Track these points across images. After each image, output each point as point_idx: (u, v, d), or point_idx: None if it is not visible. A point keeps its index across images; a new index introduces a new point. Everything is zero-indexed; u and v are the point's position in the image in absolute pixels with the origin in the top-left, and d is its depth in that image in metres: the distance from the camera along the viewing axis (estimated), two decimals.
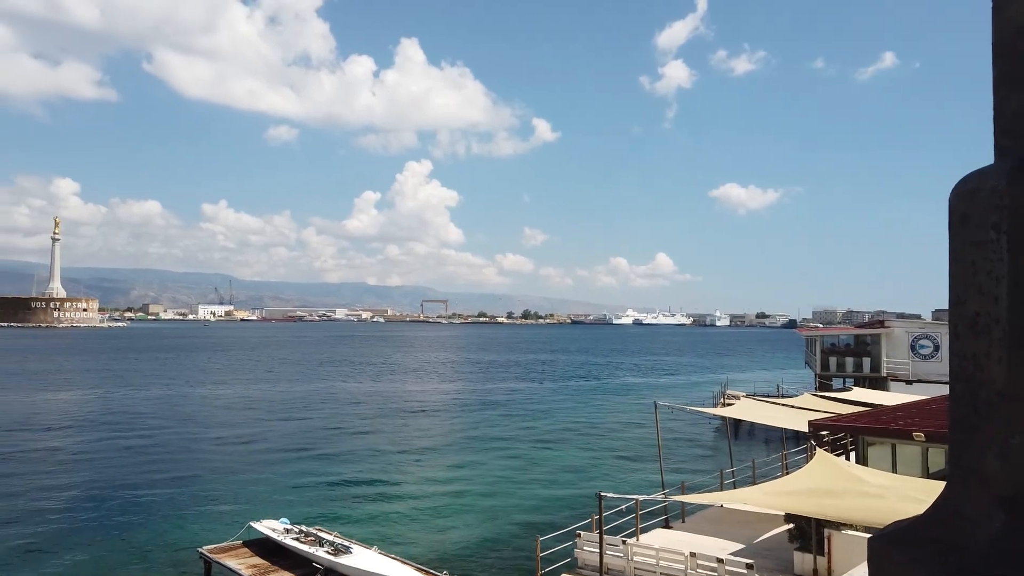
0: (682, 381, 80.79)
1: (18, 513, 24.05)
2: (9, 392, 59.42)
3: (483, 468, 32.58)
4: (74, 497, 26.45)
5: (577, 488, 28.89)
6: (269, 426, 43.91)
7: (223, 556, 17.61)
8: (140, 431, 41.21)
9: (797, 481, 14.62)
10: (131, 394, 59.43)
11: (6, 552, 20.25)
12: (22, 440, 37.82)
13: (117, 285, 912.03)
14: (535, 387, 71.01)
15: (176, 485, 28.44)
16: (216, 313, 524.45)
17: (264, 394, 60.81)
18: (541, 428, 44.45)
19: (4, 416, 45.77)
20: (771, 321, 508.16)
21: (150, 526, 22.95)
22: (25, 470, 30.69)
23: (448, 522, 24.04)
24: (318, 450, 36.20)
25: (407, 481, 30.01)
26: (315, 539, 17.84)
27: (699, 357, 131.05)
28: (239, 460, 33.62)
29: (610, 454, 36.69)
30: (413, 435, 41.49)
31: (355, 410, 51.49)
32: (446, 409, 53.45)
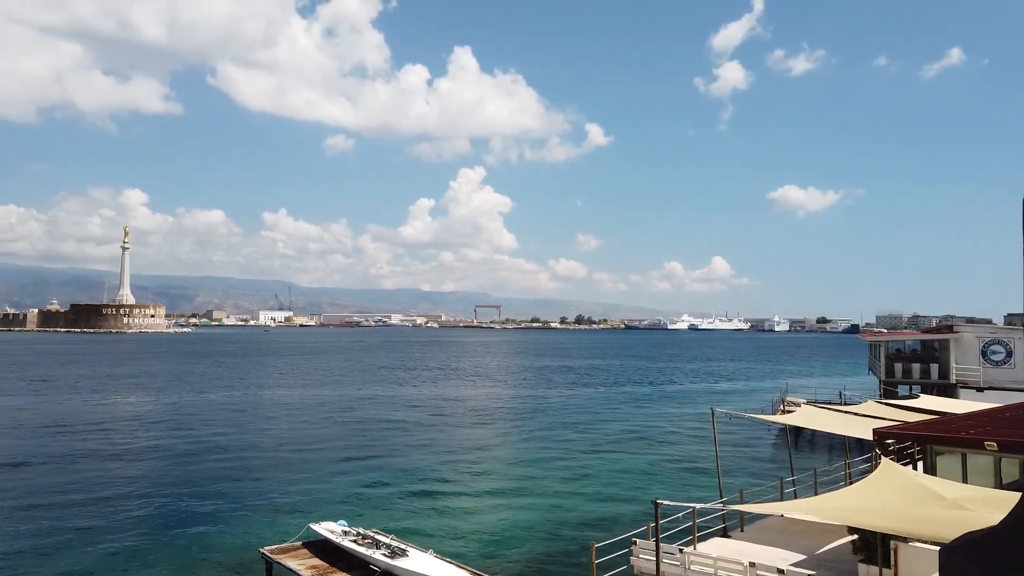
0: (739, 387, 79.25)
1: (86, 514, 25.02)
2: (82, 395, 62.00)
3: (538, 473, 32.54)
4: (141, 497, 27.40)
5: (632, 495, 28.61)
6: (327, 429, 44.73)
7: (284, 556, 18.00)
8: (205, 433, 42.47)
9: (862, 491, 14.17)
10: (196, 397, 61.33)
11: (75, 551, 21.05)
12: (93, 442, 39.40)
13: (183, 292, 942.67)
14: (589, 392, 70.63)
15: (238, 486, 29.21)
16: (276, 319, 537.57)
17: (322, 398, 61.99)
18: (595, 434, 44.18)
19: (77, 419, 47.77)
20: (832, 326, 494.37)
21: (214, 525, 23.62)
22: (95, 472, 31.92)
23: (503, 526, 24.09)
24: (374, 453, 36.70)
25: (462, 485, 30.17)
26: (372, 541, 18.08)
27: (757, 363, 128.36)
28: (298, 462, 34.34)
29: (666, 461, 36.22)
30: (468, 440, 41.72)
31: (411, 414, 52.07)
32: (500, 414, 53.58)
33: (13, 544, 21.50)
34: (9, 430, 42.75)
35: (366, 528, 19.53)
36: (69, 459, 34.18)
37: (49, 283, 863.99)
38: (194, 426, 45.30)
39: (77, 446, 37.68)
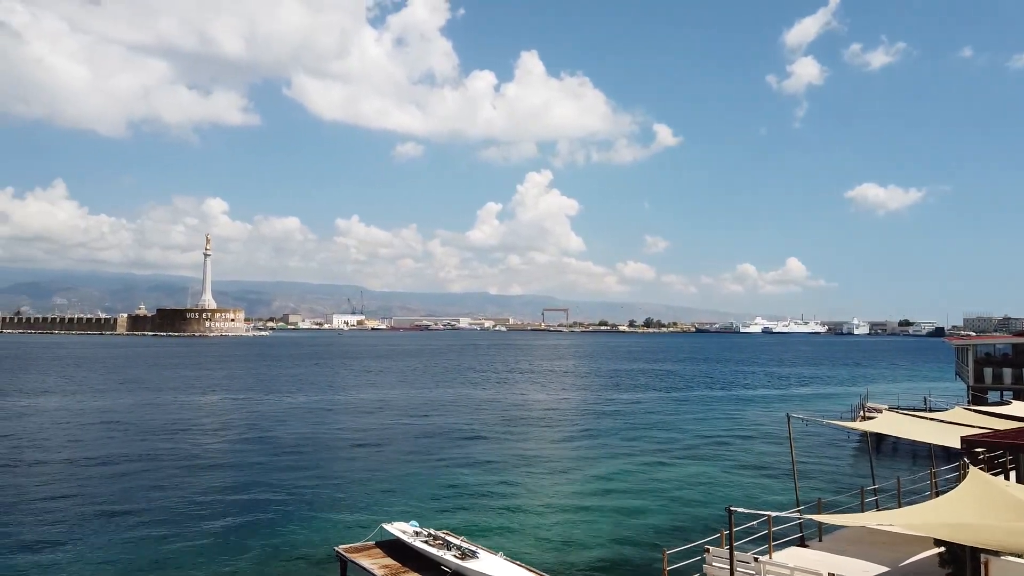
0: (817, 392, 76.76)
1: (168, 510, 26.10)
2: (168, 396, 64.85)
3: (607, 477, 32.29)
4: (221, 494, 28.46)
5: (704, 501, 28.08)
6: (399, 431, 45.50)
7: (357, 555, 18.38)
8: (282, 433, 43.82)
9: (950, 502, 13.51)
10: (275, 399, 63.34)
11: (157, 546, 21.99)
12: (177, 441, 41.16)
13: (260, 297, 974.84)
14: (659, 396, 69.67)
15: (314, 485, 30.00)
16: (349, 322, 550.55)
17: (395, 400, 63.10)
18: (666, 438, 43.54)
19: (163, 419, 50.01)
20: (915, 329, 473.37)
21: (290, 524, 24.32)
22: (178, 470, 33.32)
23: (573, 530, 24.00)
24: (444, 455, 37.13)
25: (531, 488, 30.20)
26: (443, 543, 18.27)
27: (835, 367, 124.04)
28: (371, 463, 35.04)
29: (739, 467, 35.38)
30: (537, 443, 41.74)
31: (480, 417, 52.45)
32: (569, 417, 53.41)
33: (101, 537, 22.64)
34: (102, 429, 45.10)
35: (437, 529, 19.76)
36: (155, 457, 35.80)
37: (137, 289, 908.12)
38: (272, 426, 46.79)
39: (163, 445, 39.45)
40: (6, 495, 27.75)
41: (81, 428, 45.42)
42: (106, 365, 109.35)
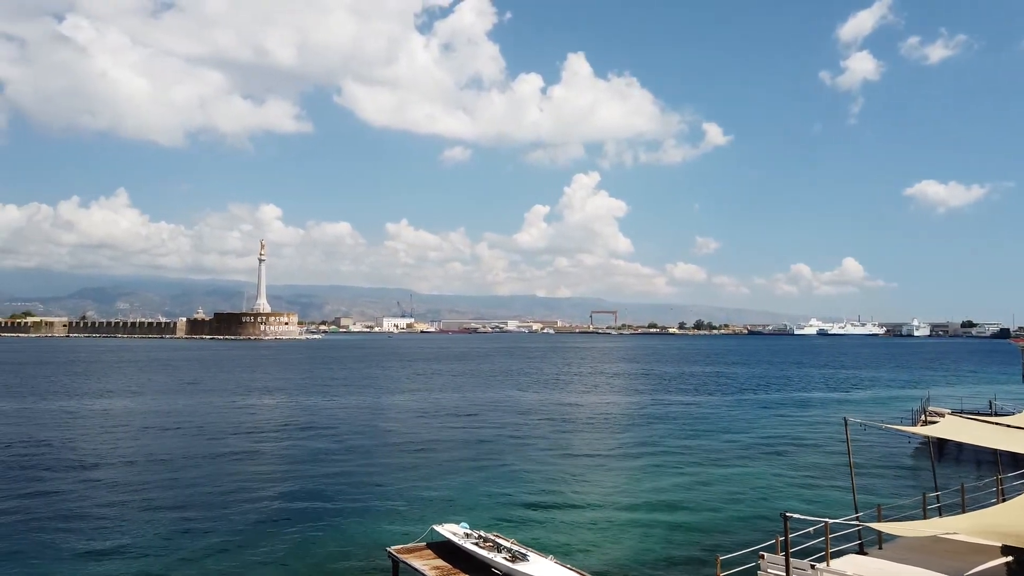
0: (875, 396, 74.62)
1: (222, 509, 26.74)
2: (226, 398, 66.59)
3: (658, 481, 31.96)
4: (275, 494, 29.08)
5: (758, 507, 27.56)
6: (449, 432, 45.84)
7: (409, 556, 18.58)
8: (335, 434, 44.57)
9: (1017, 508, 13.01)
10: (328, 400, 64.49)
11: (210, 545, 22.51)
12: (233, 441, 42.23)
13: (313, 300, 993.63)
14: (712, 400, 68.66)
15: (365, 486, 30.43)
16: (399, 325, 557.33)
17: (444, 402, 63.59)
18: (718, 442, 42.88)
19: (220, 420, 51.38)
20: (979, 330, 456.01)
21: (342, 524, 24.71)
22: (233, 470, 34.17)
23: (624, 534, 23.82)
24: (495, 457, 37.25)
25: (581, 491, 30.08)
26: (493, 545, 18.33)
27: (894, 370, 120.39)
28: (421, 464, 35.37)
29: (794, 472, 34.61)
30: (586, 446, 41.56)
31: (530, 419, 52.49)
32: (619, 420, 53.04)
33: (159, 536, 23.34)
34: (163, 430, 46.57)
35: (487, 531, 19.84)
36: (213, 458, 36.77)
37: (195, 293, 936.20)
38: (325, 428, 47.64)
39: (220, 446, 40.51)
40: (72, 494, 28.85)
41: (144, 429, 46.99)
42: (168, 368, 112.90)
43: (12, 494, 28.55)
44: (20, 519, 24.97)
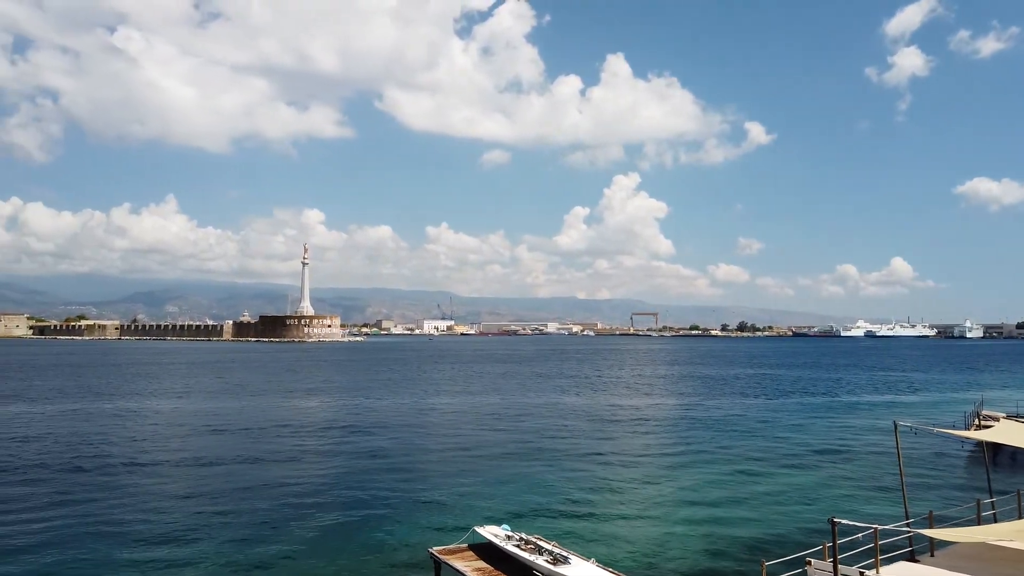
0: (926, 399, 72.62)
1: (264, 510, 27.17)
2: (271, 399, 67.82)
3: (701, 485, 31.58)
4: (317, 495, 29.47)
5: (804, 512, 27.05)
6: (489, 434, 45.96)
7: (451, 558, 18.69)
8: (377, 435, 45.04)
9: None
10: (370, 402, 65.19)
11: (254, 546, 22.88)
12: (276, 442, 42.95)
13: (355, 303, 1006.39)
14: (756, 403, 67.60)
15: (407, 487, 30.68)
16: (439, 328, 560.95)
17: (485, 404, 63.79)
18: (764, 446, 42.19)
19: (262, 421, 52.32)
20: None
21: (385, 524, 24.94)
22: (275, 470, 34.74)
23: (666, 537, 23.59)
24: (536, 459, 37.23)
25: (623, 494, 29.90)
26: (535, 547, 18.34)
27: (945, 373, 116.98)
28: (462, 466, 35.53)
29: (842, 477, 33.87)
30: (628, 449, 41.28)
31: (570, 422, 52.34)
32: (661, 423, 52.57)
33: (203, 534, 23.85)
34: (210, 431, 47.62)
35: (528, 533, 19.84)
36: (257, 458, 37.46)
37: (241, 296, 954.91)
38: (368, 428, 48.18)
39: (265, 446, 41.26)
40: (126, 492, 29.67)
41: (194, 429, 48.11)
42: (216, 370, 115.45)
43: (67, 493, 29.49)
44: (76, 518, 25.76)
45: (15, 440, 42.47)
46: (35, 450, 39.15)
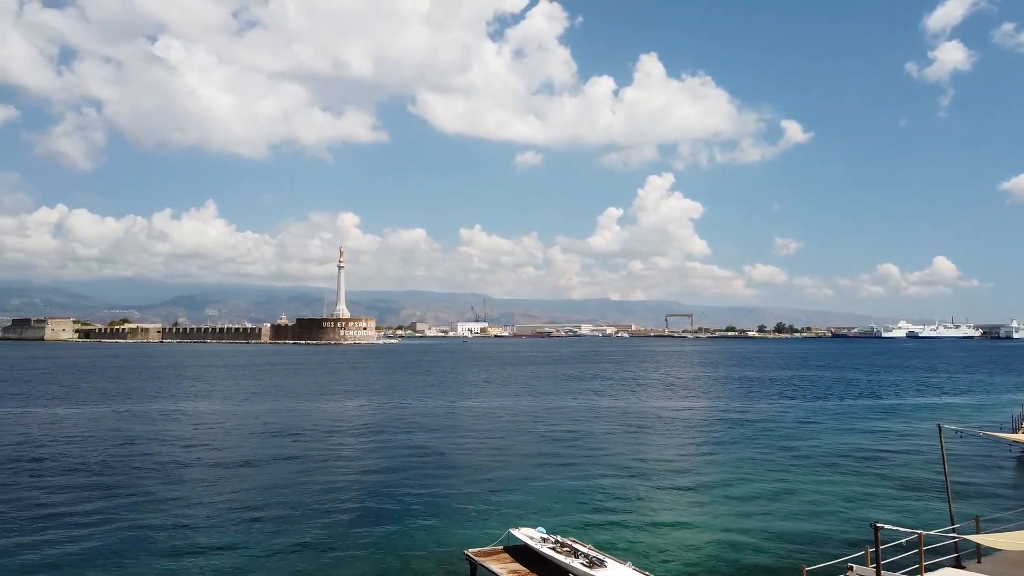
0: (971, 401, 70.77)
1: (301, 510, 27.45)
2: (307, 402, 68.70)
3: (739, 488, 31.19)
4: (354, 495, 29.75)
5: (846, 517, 26.56)
6: (524, 437, 45.95)
7: (487, 559, 18.74)
8: (412, 437, 45.32)
9: None
10: (406, 403, 65.64)
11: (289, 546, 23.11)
12: (313, 444, 43.48)
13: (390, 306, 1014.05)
14: (795, 405, 66.55)
15: (442, 488, 30.81)
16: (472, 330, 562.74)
17: (519, 406, 63.80)
18: (803, 449, 41.51)
19: (299, 422, 53.00)
20: None
21: (420, 525, 25.09)
22: (311, 472, 35.14)
23: (702, 541, 23.34)
24: (569, 462, 37.13)
25: (659, 498, 29.67)
26: (571, 550, 18.29)
27: (992, 374, 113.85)
28: (497, 468, 35.58)
29: (885, 481, 33.16)
30: (664, 451, 40.95)
31: (605, 425, 52.09)
32: (698, 426, 52.05)
33: (240, 533, 24.21)
34: (249, 432, 48.41)
35: (563, 536, 19.80)
36: (292, 458, 37.98)
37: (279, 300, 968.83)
38: (403, 430, 48.52)
39: (300, 446, 41.81)
40: (165, 494, 30.30)
41: (231, 430, 48.97)
42: (254, 372, 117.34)
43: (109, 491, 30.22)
44: (116, 517, 26.38)
45: (64, 441, 43.65)
46: (82, 450, 40.19)
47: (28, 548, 22.45)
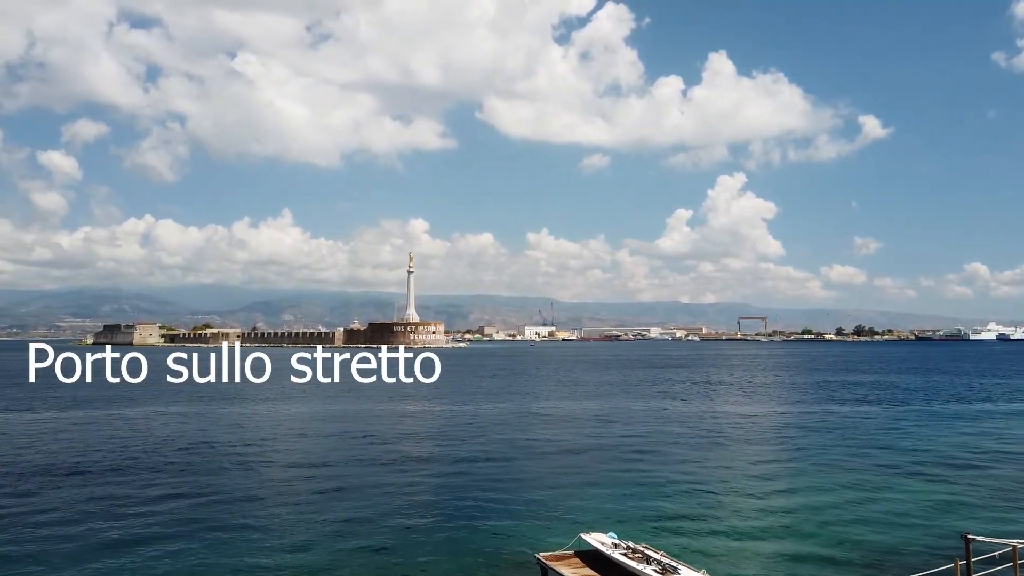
0: None
1: (372, 512, 27.74)
2: (376, 403, 69.98)
3: (817, 495, 30.16)
4: (425, 497, 30.12)
5: (933, 527, 25.35)
6: (594, 441, 45.62)
7: (558, 564, 18.68)
8: (481, 439, 45.63)
9: None
10: (475, 406, 66.15)
11: (360, 548, 23.37)
12: (380, 447, 44.30)
13: (458, 310, 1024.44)
14: (877, 410, 64.01)
15: (511, 491, 30.84)
16: (540, 334, 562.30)
17: (589, 410, 63.42)
18: (885, 456, 39.85)
19: (368, 425, 54.04)
20: None
21: (489, 528, 25.17)
22: (381, 473, 35.73)
23: (780, 550, 22.66)
24: (640, 466, 36.66)
25: (733, 504, 28.98)
26: (643, 556, 18.05)
27: None
28: (567, 471, 35.43)
29: (976, 490, 31.50)
30: (739, 457, 39.99)
31: (676, 429, 51.23)
32: (773, 431, 50.66)
33: (311, 535, 24.70)
34: (322, 434, 49.72)
35: (635, 542, 19.56)
36: (362, 460, 38.68)
37: (351, 304, 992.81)
38: (473, 432, 48.90)
39: (370, 449, 42.67)
40: (234, 495, 31.29)
41: (305, 432, 50.39)
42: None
43: (189, 493, 31.47)
44: (195, 517, 27.45)
45: (145, 439, 45.76)
46: (160, 449, 42.03)
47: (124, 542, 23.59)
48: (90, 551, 22.61)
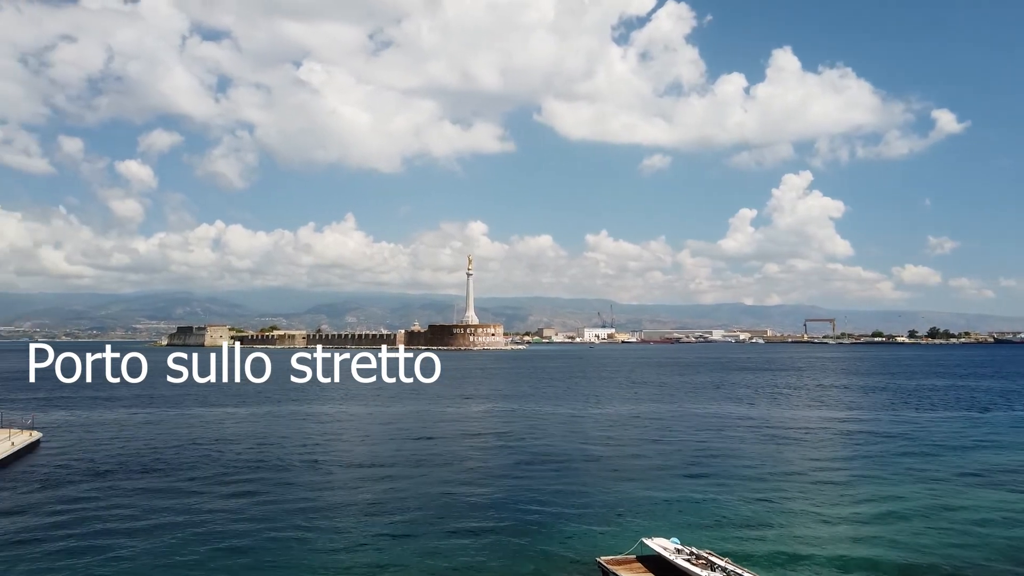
0: None
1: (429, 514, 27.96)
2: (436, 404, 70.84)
3: (888, 504, 29.12)
4: (485, 498, 30.22)
5: (1012, 538, 24.21)
6: (656, 444, 45.11)
7: (619, 568, 18.56)
8: (541, 441, 45.57)
9: None
10: (535, 408, 66.21)
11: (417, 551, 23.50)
12: (440, 448, 44.65)
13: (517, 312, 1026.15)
14: (955, 416, 61.37)
15: (571, 494, 30.74)
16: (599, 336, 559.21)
17: (651, 413, 62.72)
18: (960, 464, 38.20)
19: (428, 426, 54.63)
20: None
21: (548, 531, 25.15)
22: (440, 474, 35.93)
23: (848, 558, 21.96)
24: (703, 471, 36.08)
25: (800, 511, 28.23)
26: (706, 562, 17.79)
27: None
28: (628, 475, 35.12)
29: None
30: (807, 463, 38.93)
31: (741, 434, 50.21)
32: (841, 437, 49.15)
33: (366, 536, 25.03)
34: (381, 435, 50.48)
35: (699, 548, 19.28)
36: (422, 461, 38.90)
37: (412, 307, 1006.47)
38: (533, 434, 48.87)
39: (429, 450, 42.96)
40: (295, 496, 32.01)
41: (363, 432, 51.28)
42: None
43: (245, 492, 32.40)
44: (260, 516, 28.23)
45: (213, 439, 47.34)
46: (225, 450, 43.40)
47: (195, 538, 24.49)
48: (168, 545, 23.57)
